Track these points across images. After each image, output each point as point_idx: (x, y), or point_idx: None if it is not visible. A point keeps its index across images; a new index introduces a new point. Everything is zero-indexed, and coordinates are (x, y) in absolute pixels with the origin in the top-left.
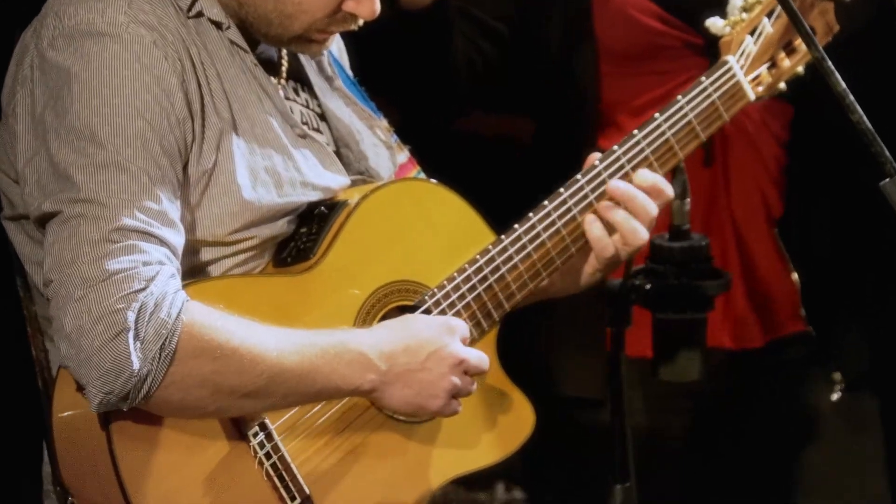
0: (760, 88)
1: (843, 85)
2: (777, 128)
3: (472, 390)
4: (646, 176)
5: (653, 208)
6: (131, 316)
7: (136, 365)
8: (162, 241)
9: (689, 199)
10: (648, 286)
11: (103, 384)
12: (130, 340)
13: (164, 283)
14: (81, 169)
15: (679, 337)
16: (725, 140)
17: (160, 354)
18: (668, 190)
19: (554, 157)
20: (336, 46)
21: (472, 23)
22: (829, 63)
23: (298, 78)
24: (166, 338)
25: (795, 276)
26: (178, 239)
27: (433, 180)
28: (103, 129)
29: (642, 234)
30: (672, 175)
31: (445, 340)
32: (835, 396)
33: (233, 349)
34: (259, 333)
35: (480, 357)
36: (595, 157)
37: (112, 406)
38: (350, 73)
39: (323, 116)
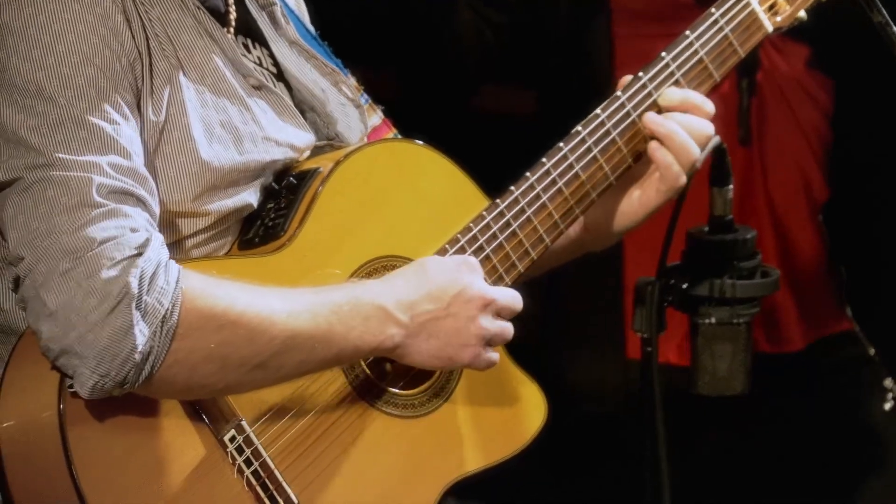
0: (778, 18)
1: None
2: (821, 96)
3: (507, 336)
4: (673, 94)
5: (696, 121)
6: (134, 282)
7: (139, 340)
8: (141, 203)
9: (731, 186)
10: (685, 286)
11: (98, 364)
12: (133, 310)
13: (158, 250)
14: (34, 130)
15: (721, 344)
16: (762, 111)
17: (161, 329)
18: (705, 103)
19: (565, 127)
20: (294, 0)
21: None
22: (895, 29)
23: (249, 32)
24: (168, 309)
25: (842, 269)
26: (154, 200)
27: (416, 140)
28: (51, 83)
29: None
30: (711, 157)
31: (467, 280)
32: (888, 406)
33: (238, 315)
34: (264, 296)
35: (511, 295)
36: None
37: (106, 393)
38: (311, 27)
39: (280, 76)
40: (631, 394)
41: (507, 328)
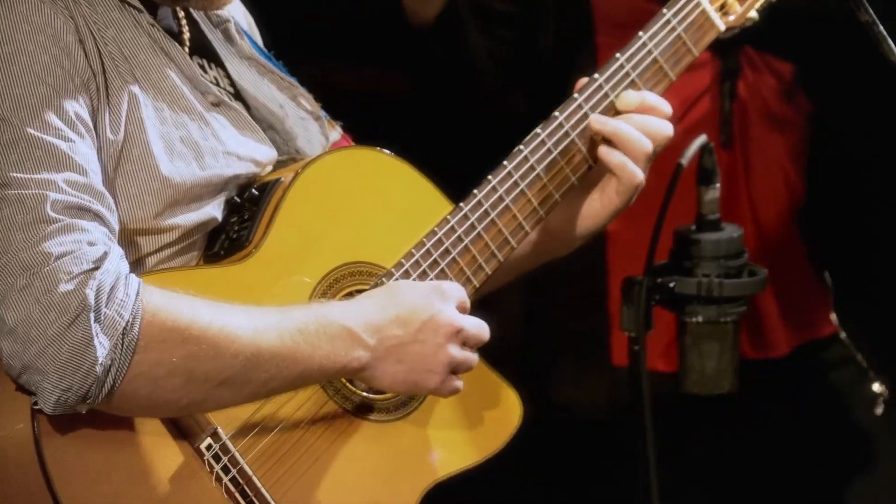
0: (731, 18)
1: None
2: (801, 99)
3: (472, 364)
4: (630, 97)
5: (652, 122)
6: (91, 294)
7: (100, 352)
8: (98, 218)
9: (718, 185)
10: (672, 284)
11: (60, 379)
12: (91, 322)
13: (117, 264)
14: None
15: (708, 343)
16: (744, 115)
17: (122, 341)
18: (661, 104)
19: None
20: (245, 21)
21: (482, 15)
22: (882, 28)
23: (204, 52)
24: (128, 322)
25: (826, 273)
26: (112, 216)
27: (376, 147)
28: (3, 103)
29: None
30: (699, 156)
31: (439, 307)
32: (879, 411)
33: (201, 330)
34: (229, 312)
35: (479, 325)
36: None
37: (70, 408)
38: (264, 48)
39: (238, 95)
40: (617, 399)
41: (473, 358)
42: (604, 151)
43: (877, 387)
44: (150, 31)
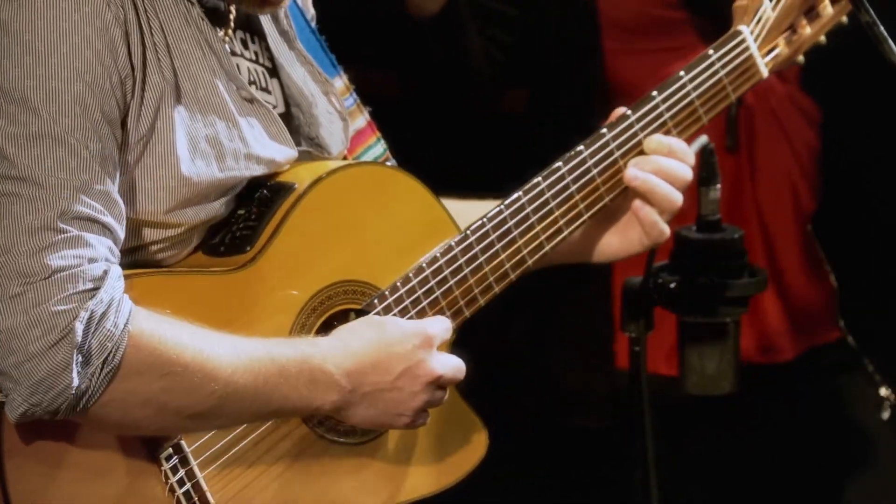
0: (771, 64)
1: None
2: (807, 105)
3: (443, 402)
4: (660, 143)
5: (678, 167)
6: (79, 326)
7: (76, 381)
8: (106, 230)
9: (718, 186)
10: (673, 285)
11: (31, 395)
12: (74, 353)
13: (112, 287)
14: (12, 140)
15: (709, 343)
16: (750, 118)
17: (101, 369)
18: (688, 155)
19: (558, 141)
20: None
21: (481, 16)
22: (882, 29)
23: (249, 27)
24: (110, 351)
25: (832, 278)
26: (120, 225)
27: (394, 166)
28: (37, 94)
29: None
30: (699, 157)
31: (420, 356)
32: (885, 415)
33: (184, 366)
34: (212, 346)
35: (457, 368)
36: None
37: (35, 419)
38: (311, 13)
39: (273, 72)
40: (620, 402)
41: (444, 396)
42: (638, 206)
43: (883, 391)
44: (197, 23)
